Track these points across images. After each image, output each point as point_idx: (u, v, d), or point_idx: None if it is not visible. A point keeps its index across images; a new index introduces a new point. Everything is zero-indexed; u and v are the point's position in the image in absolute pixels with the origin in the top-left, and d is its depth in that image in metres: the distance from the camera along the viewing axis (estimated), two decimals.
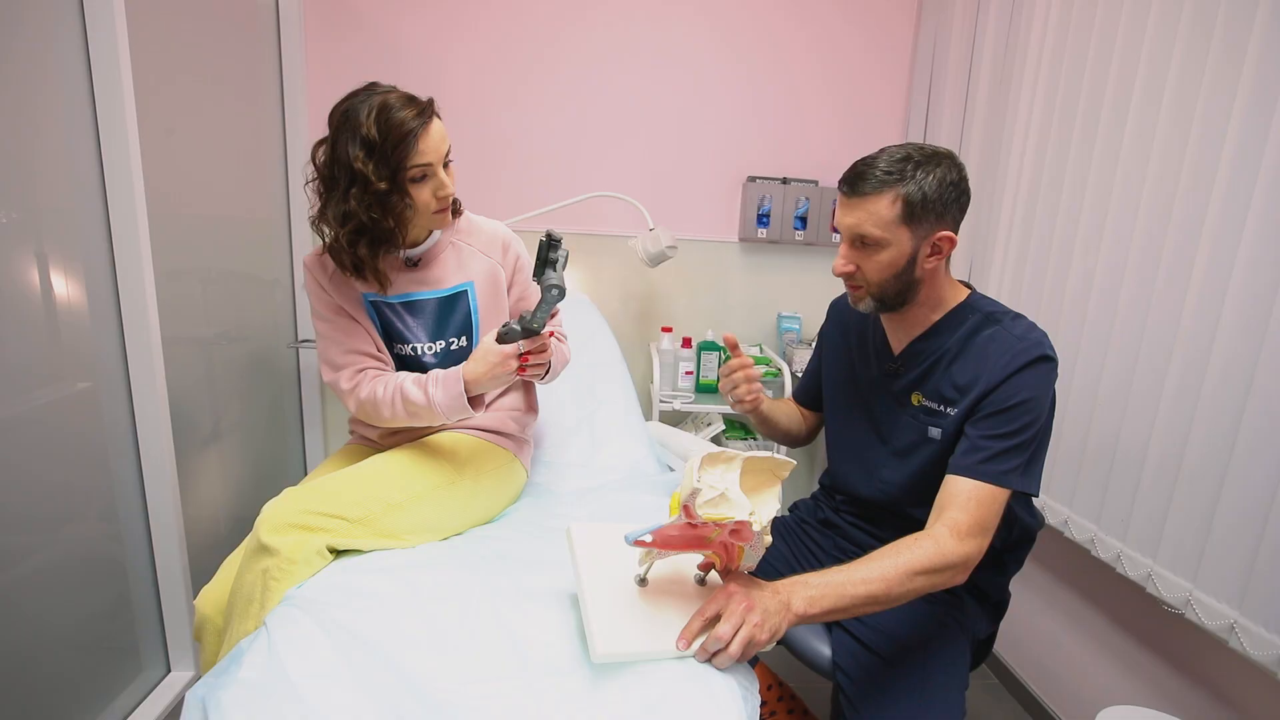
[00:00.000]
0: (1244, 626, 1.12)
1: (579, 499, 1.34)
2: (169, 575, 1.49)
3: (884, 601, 0.90)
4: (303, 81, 1.98)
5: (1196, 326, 1.21)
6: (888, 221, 0.97)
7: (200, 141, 1.62)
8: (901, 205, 0.96)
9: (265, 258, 1.95)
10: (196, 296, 1.64)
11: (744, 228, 2.24)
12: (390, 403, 1.17)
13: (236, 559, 1.10)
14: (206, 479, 1.69)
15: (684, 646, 0.83)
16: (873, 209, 0.97)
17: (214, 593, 1.08)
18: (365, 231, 1.10)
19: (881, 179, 0.96)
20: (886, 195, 0.96)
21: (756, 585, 0.87)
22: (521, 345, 1.11)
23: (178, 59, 1.52)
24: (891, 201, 0.96)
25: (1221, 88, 1.18)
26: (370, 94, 1.08)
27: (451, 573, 1.02)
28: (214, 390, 1.73)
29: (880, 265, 1.00)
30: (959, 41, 1.98)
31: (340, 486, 1.08)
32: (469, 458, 1.23)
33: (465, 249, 1.26)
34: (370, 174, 1.05)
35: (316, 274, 1.21)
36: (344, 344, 1.22)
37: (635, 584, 0.89)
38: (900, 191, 0.95)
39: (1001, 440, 0.97)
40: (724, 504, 0.79)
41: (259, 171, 1.89)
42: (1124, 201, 1.38)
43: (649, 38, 2.12)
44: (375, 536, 1.06)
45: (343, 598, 0.94)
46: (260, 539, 0.97)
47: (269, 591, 0.95)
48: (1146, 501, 1.30)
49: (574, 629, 0.90)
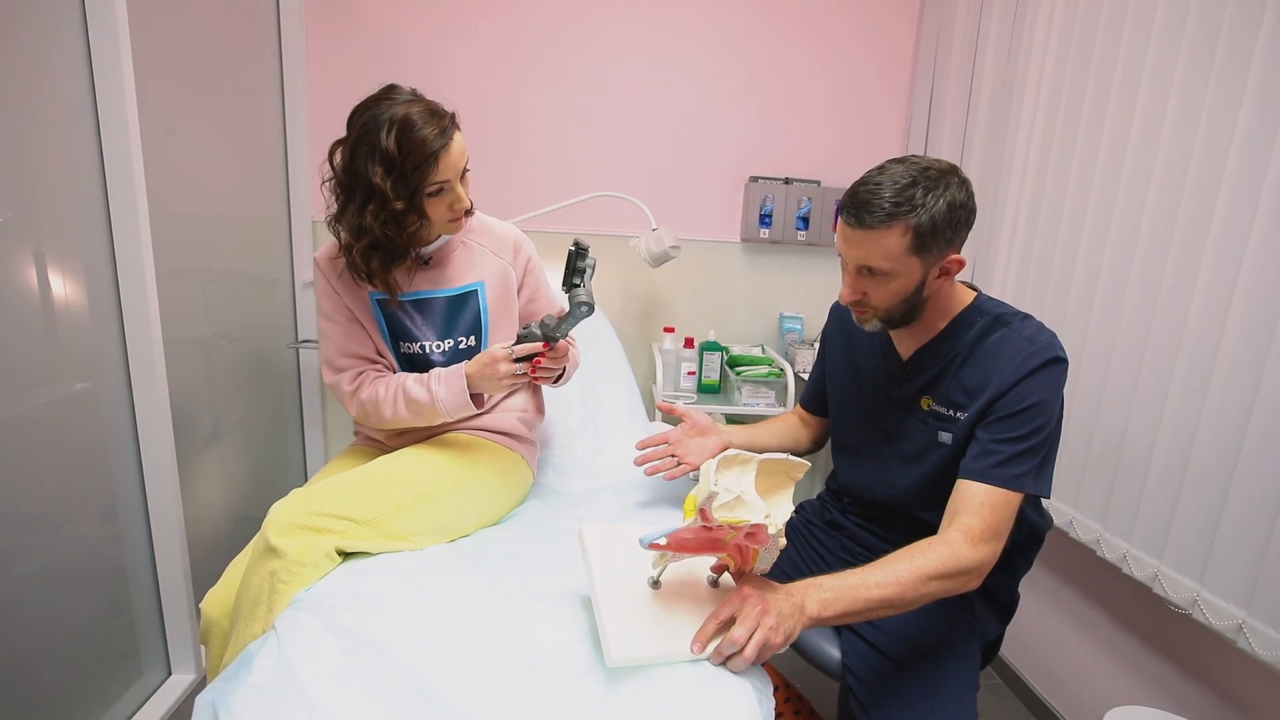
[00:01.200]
0: (1252, 627, 1.12)
1: (586, 500, 1.33)
2: (170, 577, 1.48)
3: (898, 606, 0.89)
4: (303, 80, 1.97)
5: (1203, 326, 1.21)
6: (897, 254, 0.93)
7: (200, 140, 1.61)
8: (912, 237, 0.92)
9: (265, 257, 1.94)
10: (196, 296, 1.63)
11: (746, 228, 2.24)
12: (392, 401, 1.16)
13: (242, 561, 1.09)
14: (207, 479, 1.68)
15: (698, 650, 0.82)
16: (881, 243, 0.93)
17: (219, 595, 1.07)
18: (379, 247, 1.10)
19: (890, 211, 0.91)
20: (895, 228, 0.91)
21: (770, 588, 0.87)
22: (539, 347, 1.13)
23: (178, 57, 1.51)
24: (901, 234, 0.92)
25: (1228, 88, 1.19)
26: (392, 103, 1.05)
27: (460, 575, 1.01)
28: (214, 390, 1.72)
29: (889, 294, 0.98)
30: (961, 41, 1.98)
31: (348, 488, 1.07)
32: (477, 459, 1.22)
33: (477, 249, 1.26)
34: (388, 191, 1.04)
35: (327, 272, 1.20)
36: (347, 347, 1.22)
37: (648, 586, 0.89)
38: (910, 223, 0.91)
39: (1014, 444, 0.96)
40: (740, 507, 0.78)
41: (259, 171, 1.88)
42: (1130, 201, 1.38)
43: (650, 38, 2.12)
44: (384, 538, 1.05)
45: (350, 600, 0.93)
46: (268, 540, 0.96)
47: (277, 594, 0.94)
48: (1153, 502, 1.30)
49: (585, 631, 0.89)
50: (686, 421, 1.25)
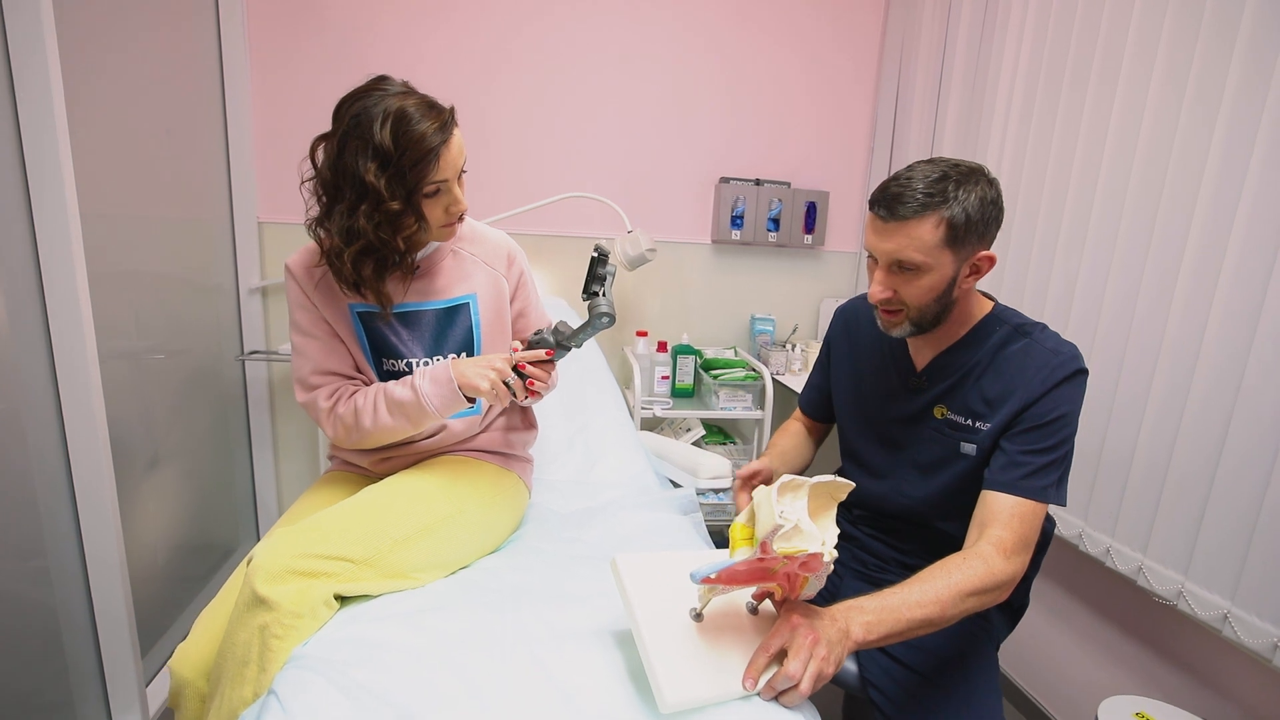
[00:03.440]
0: (1238, 616, 1.17)
1: (585, 521, 1.27)
2: (110, 617, 1.32)
3: (937, 624, 0.88)
4: (246, 70, 1.79)
5: (1185, 319, 1.25)
6: (931, 246, 0.92)
7: (132, 133, 1.44)
8: (945, 229, 0.91)
9: (205, 261, 1.76)
10: (129, 305, 1.46)
11: (717, 229, 2.21)
12: (372, 409, 1.06)
13: (218, 612, 0.97)
14: (146, 507, 1.52)
15: (751, 686, 0.78)
16: (915, 234, 0.92)
17: (193, 652, 0.94)
18: (373, 252, 1.00)
19: (924, 201, 0.90)
20: (930, 219, 0.91)
21: (816, 614, 0.83)
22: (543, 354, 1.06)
23: (107, 42, 1.34)
24: (935, 225, 0.91)
25: (1210, 73, 1.21)
26: (384, 95, 0.96)
27: (473, 614, 0.93)
28: (150, 409, 1.55)
29: (921, 290, 0.96)
30: (929, 42, 2.00)
31: (340, 523, 0.97)
32: (473, 482, 1.13)
33: (468, 258, 1.16)
34: (383, 190, 0.94)
35: (303, 282, 1.08)
36: (325, 364, 1.11)
37: (689, 619, 0.84)
38: (944, 214, 0.90)
39: (1041, 455, 0.96)
40: (797, 536, 0.74)
41: (198, 167, 1.70)
42: (1108, 201, 1.41)
43: (619, 36, 2.05)
44: (383, 577, 0.95)
45: (358, 653, 0.83)
46: (255, 590, 0.85)
47: (270, 651, 0.83)
48: (1136, 497, 1.34)
49: (623, 670, 0.83)
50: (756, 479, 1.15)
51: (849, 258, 2.35)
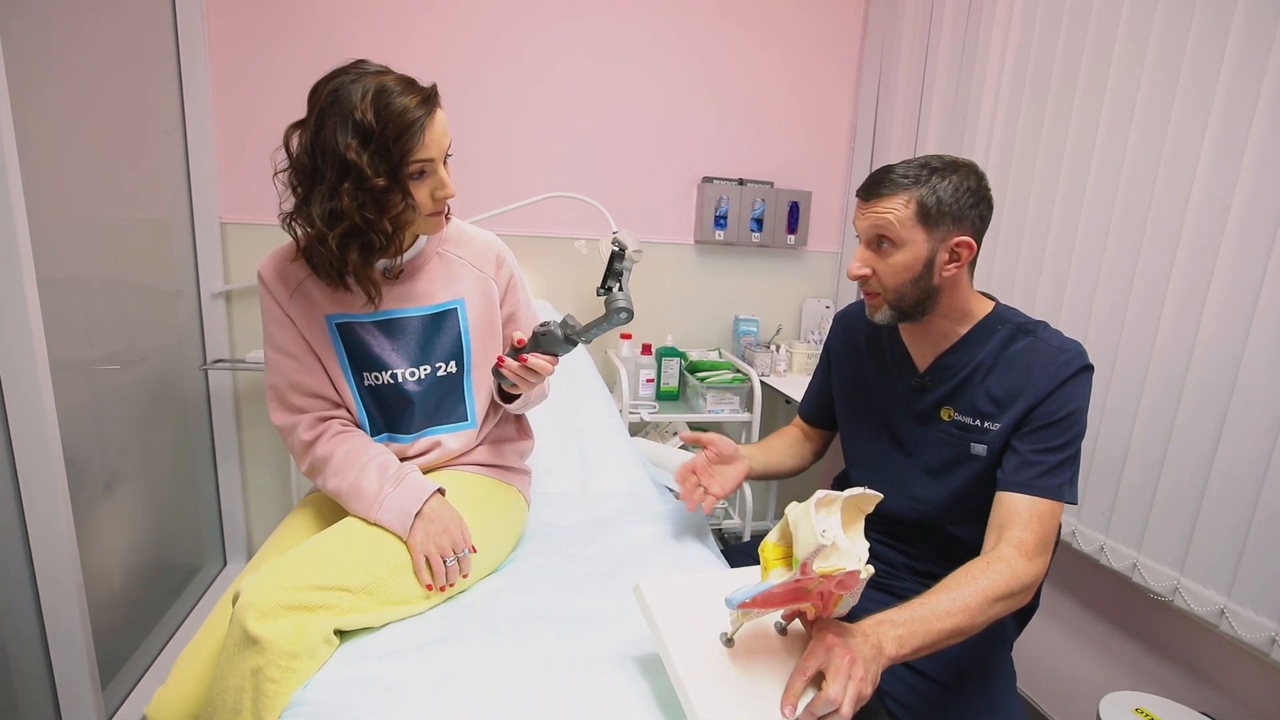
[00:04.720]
0: (1234, 611, 1.19)
1: (587, 535, 1.21)
2: (65, 647, 1.23)
3: (966, 633, 0.86)
4: (205, 61, 1.68)
5: (1179, 313, 1.26)
6: (903, 219, 0.96)
7: (84, 129, 1.33)
8: (916, 206, 0.96)
9: (164, 265, 1.65)
10: (81, 311, 1.34)
11: (700, 229, 2.17)
12: (334, 473, 0.99)
13: (200, 653, 0.88)
14: (103, 528, 1.40)
15: (790, 713, 0.74)
16: (886, 207, 0.97)
17: (172, 698, 0.86)
18: (358, 234, 0.93)
19: (897, 182, 0.96)
20: (900, 196, 0.96)
21: (849, 632, 0.80)
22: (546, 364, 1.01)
23: (56, 38, 1.24)
24: (905, 202, 0.96)
25: (1201, 67, 1.22)
26: (362, 73, 0.91)
27: (484, 643, 0.87)
28: (106, 422, 1.43)
29: (896, 268, 0.98)
30: (911, 33, 2.00)
31: (333, 550, 0.90)
32: (473, 499, 1.07)
33: (455, 260, 1.10)
34: (365, 167, 0.88)
35: (276, 290, 1.00)
36: (305, 384, 1.03)
37: (720, 644, 0.80)
38: (915, 194, 0.96)
39: (1054, 453, 0.96)
40: (835, 554, 0.71)
41: (155, 165, 1.59)
42: (1100, 195, 1.41)
43: (602, 36, 2.01)
44: (384, 605, 0.89)
45: (366, 695, 0.77)
46: (246, 629, 0.78)
47: (265, 696, 0.76)
48: (1130, 495, 1.36)
49: (651, 698, 0.79)
50: (710, 449, 1.17)
51: (831, 258, 2.35)
